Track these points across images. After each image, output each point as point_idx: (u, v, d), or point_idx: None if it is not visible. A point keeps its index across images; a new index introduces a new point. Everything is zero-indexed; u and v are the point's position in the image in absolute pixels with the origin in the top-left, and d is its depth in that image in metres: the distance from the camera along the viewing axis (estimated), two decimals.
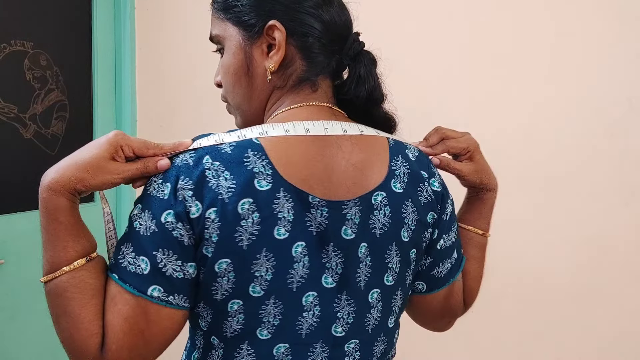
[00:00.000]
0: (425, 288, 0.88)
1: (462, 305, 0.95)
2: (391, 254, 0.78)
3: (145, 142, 0.71)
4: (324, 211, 0.72)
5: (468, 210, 0.96)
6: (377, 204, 0.76)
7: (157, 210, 0.67)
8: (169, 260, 0.67)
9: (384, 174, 0.77)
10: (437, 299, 0.90)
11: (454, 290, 0.91)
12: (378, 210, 0.76)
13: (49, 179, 0.67)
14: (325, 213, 0.72)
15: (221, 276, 0.69)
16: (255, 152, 0.70)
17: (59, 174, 0.67)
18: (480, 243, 0.95)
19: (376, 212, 0.76)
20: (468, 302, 0.95)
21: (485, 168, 0.92)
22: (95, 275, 0.69)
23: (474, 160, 0.90)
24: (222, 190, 0.67)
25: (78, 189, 0.67)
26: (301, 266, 0.72)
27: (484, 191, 0.94)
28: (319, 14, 0.77)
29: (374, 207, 0.76)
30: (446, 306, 0.91)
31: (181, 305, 0.70)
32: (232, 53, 0.79)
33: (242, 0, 0.78)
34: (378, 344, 0.80)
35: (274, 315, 0.72)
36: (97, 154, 0.68)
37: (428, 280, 0.87)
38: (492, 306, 1.87)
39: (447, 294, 0.90)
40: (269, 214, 0.69)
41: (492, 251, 0.92)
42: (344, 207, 0.74)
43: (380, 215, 0.76)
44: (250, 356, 0.73)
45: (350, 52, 0.79)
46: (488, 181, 0.93)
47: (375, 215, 0.76)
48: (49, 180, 0.67)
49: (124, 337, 0.67)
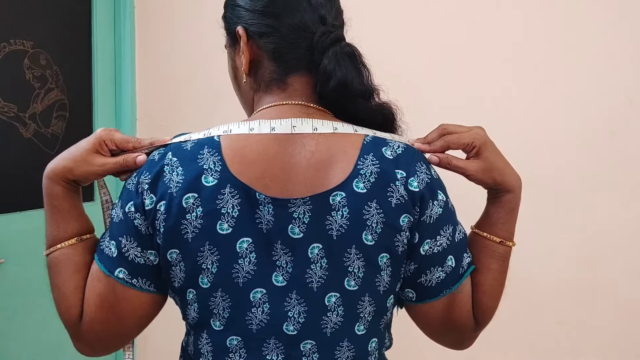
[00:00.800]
0: (415, 297, 0.81)
1: (471, 321, 0.84)
2: (351, 257, 0.74)
3: (127, 137, 0.79)
4: (269, 208, 0.73)
5: (485, 215, 0.87)
6: (335, 204, 0.73)
7: (125, 200, 0.75)
8: (131, 246, 0.75)
9: (347, 173, 0.74)
10: (435, 311, 0.82)
11: (457, 304, 0.82)
12: (336, 211, 0.73)
13: (47, 169, 0.79)
14: (271, 210, 0.73)
15: (174, 265, 0.74)
16: (210, 150, 0.74)
17: (54, 164, 0.79)
18: (498, 253, 0.84)
19: (334, 213, 0.73)
20: (480, 319, 0.85)
21: (497, 166, 0.82)
22: (82, 253, 0.78)
23: (482, 157, 0.81)
24: (172, 184, 0.73)
25: (68, 177, 0.78)
26: (247, 262, 0.74)
27: (501, 192, 0.84)
28: (281, 14, 0.77)
29: (332, 208, 0.73)
30: (448, 320, 0.83)
31: (145, 288, 0.76)
32: (228, 62, 0.87)
33: (225, 11, 0.84)
34: (341, 349, 0.77)
35: (223, 307, 0.75)
36: (83, 148, 0.78)
37: (416, 288, 0.81)
38: None
39: (447, 307, 0.82)
40: (212, 208, 0.72)
41: None
42: (290, 206, 0.73)
43: (338, 216, 0.73)
44: (208, 345, 0.77)
45: (318, 46, 0.77)
46: (503, 181, 0.83)
47: (332, 216, 0.73)
48: (47, 169, 0.79)
49: (96, 310, 0.76)
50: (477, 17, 1.84)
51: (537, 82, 1.79)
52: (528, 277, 1.83)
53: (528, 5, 1.79)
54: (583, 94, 1.75)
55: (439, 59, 1.85)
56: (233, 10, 0.81)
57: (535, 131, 1.79)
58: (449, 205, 0.80)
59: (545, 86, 1.78)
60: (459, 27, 1.85)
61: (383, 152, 0.76)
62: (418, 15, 1.89)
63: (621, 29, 1.71)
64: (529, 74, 1.79)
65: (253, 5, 0.79)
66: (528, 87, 1.80)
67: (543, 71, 1.78)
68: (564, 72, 1.76)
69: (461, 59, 1.84)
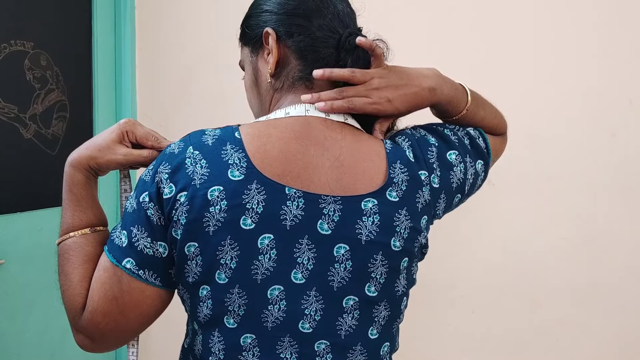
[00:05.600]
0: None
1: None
2: (376, 264, 0.76)
3: (148, 133, 0.83)
4: (300, 202, 0.73)
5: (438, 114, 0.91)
6: (367, 210, 0.75)
7: (139, 191, 0.75)
8: (142, 236, 0.74)
9: (379, 181, 0.77)
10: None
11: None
12: (367, 217, 0.75)
13: (71, 157, 0.82)
14: (302, 204, 0.73)
15: (190, 259, 0.73)
16: (233, 146, 0.74)
17: (79, 153, 0.82)
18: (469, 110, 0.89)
19: (365, 218, 0.75)
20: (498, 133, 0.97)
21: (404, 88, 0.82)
22: (94, 244, 0.80)
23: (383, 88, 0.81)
24: (196, 176, 0.72)
25: (92, 165, 0.81)
26: (267, 259, 0.73)
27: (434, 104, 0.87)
28: (311, 15, 0.80)
29: (363, 213, 0.75)
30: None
31: (150, 281, 0.75)
32: (246, 71, 0.88)
33: (248, 22, 0.86)
34: (354, 352, 0.78)
35: (239, 305, 0.74)
36: (107, 137, 0.81)
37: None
38: (492, 306, 1.87)
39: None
40: (237, 203, 0.72)
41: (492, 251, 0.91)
42: (320, 201, 0.74)
43: (369, 222, 0.75)
44: (220, 343, 0.76)
45: (345, 46, 0.80)
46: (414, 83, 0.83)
47: (363, 221, 0.75)
48: (71, 157, 0.82)
49: (98, 300, 0.75)
50: (476, 16, 1.84)
51: (537, 82, 1.79)
52: (528, 277, 1.83)
53: (527, 5, 1.79)
54: (583, 94, 1.75)
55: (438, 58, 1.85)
56: (258, 17, 0.83)
57: (535, 131, 1.79)
58: (459, 140, 0.87)
59: (545, 86, 1.78)
60: (459, 27, 1.85)
61: (405, 156, 0.79)
62: (418, 12, 1.89)
63: (621, 29, 1.71)
64: (529, 74, 1.79)
65: (282, 8, 0.81)
66: (528, 87, 1.80)
67: (543, 71, 1.78)
68: (564, 72, 1.76)
69: (459, 59, 1.84)
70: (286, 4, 0.81)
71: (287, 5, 0.81)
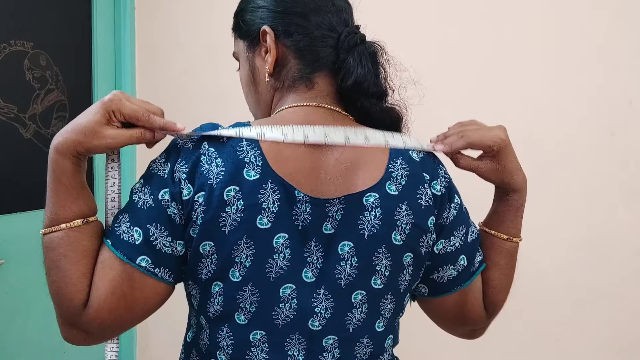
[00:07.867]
0: (427, 292, 0.86)
1: (482, 314, 0.89)
2: (380, 257, 0.77)
3: (137, 111, 0.72)
4: (307, 207, 0.74)
5: (492, 213, 0.90)
6: (368, 205, 0.76)
7: (156, 187, 0.72)
8: (161, 235, 0.72)
9: (378, 175, 0.77)
10: (447, 305, 0.86)
11: (468, 299, 0.86)
12: (369, 212, 0.76)
13: (55, 142, 0.72)
14: (309, 209, 0.74)
15: (205, 257, 0.73)
16: (249, 142, 0.73)
17: (63, 137, 0.72)
18: (505, 249, 0.88)
19: (366, 213, 0.76)
20: (490, 312, 0.90)
21: (509, 169, 0.84)
22: (89, 238, 0.73)
23: (496, 159, 0.83)
24: (212, 176, 0.71)
25: (79, 151, 0.72)
26: (281, 257, 0.74)
27: (508, 192, 0.87)
28: (309, 13, 0.79)
29: (365, 208, 0.76)
30: (459, 314, 0.87)
31: (165, 279, 0.74)
32: (242, 66, 0.86)
33: (243, 15, 0.83)
34: (361, 345, 0.79)
35: (251, 302, 0.74)
36: (92, 119, 0.71)
37: (428, 284, 0.85)
38: None
39: (459, 302, 0.86)
40: (254, 202, 0.71)
41: None
42: (327, 205, 0.75)
43: (371, 216, 0.76)
44: (229, 339, 0.76)
45: (344, 45, 0.79)
46: (510, 182, 0.86)
47: (365, 217, 0.76)
48: (55, 143, 0.72)
49: (106, 298, 0.72)
50: (479, 17, 1.84)
51: (537, 82, 1.79)
52: (528, 277, 1.83)
53: (527, 6, 1.79)
54: (583, 94, 1.75)
55: (437, 58, 1.85)
56: (254, 12, 0.82)
57: (535, 131, 1.79)
58: (462, 208, 0.84)
59: (545, 86, 1.78)
60: (459, 27, 1.85)
61: (411, 154, 0.79)
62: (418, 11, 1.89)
63: (621, 29, 1.71)
64: (529, 75, 1.79)
65: (279, 6, 0.80)
66: (527, 87, 1.80)
67: (542, 71, 1.78)
68: (564, 72, 1.76)
69: (460, 59, 1.84)
70: (283, 1, 0.80)
71: (284, 2, 0.80)
